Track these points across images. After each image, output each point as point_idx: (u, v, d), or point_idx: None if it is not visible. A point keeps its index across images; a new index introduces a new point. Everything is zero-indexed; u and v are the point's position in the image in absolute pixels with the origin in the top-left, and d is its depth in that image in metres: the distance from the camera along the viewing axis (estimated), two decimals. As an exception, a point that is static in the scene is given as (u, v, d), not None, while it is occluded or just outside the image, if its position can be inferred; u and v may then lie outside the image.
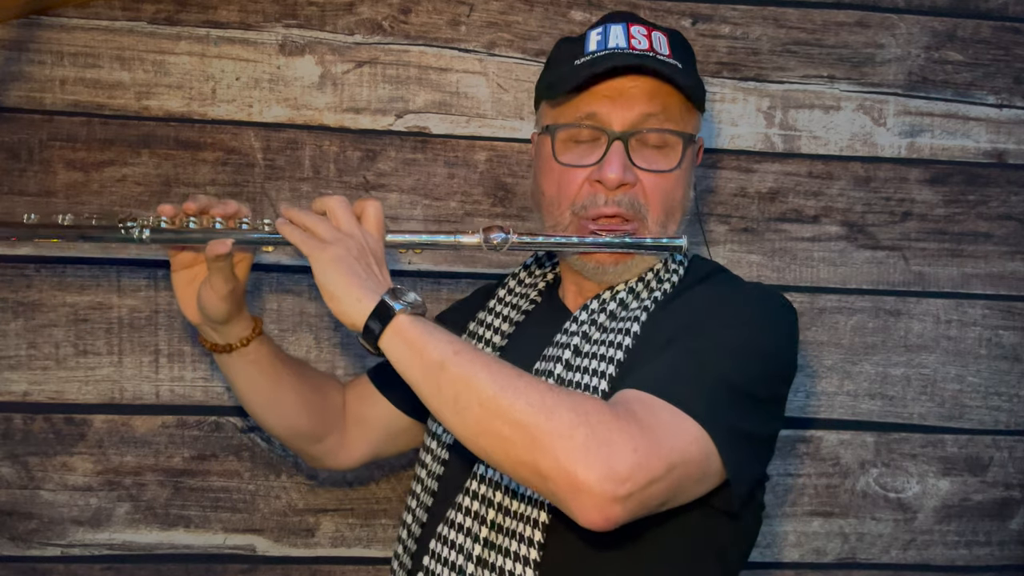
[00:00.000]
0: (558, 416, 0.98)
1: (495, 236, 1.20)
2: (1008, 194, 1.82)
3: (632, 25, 1.26)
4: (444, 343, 1.05)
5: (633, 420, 1.00)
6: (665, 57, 1.23)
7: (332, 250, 1.11)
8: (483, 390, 1.01)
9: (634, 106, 1.21)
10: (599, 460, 0.96)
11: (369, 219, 1.17)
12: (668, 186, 1.24)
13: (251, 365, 1.34)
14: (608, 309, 1.24)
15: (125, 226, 1.20)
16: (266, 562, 1.72)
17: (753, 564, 1.81)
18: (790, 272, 1.79)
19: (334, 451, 1.46)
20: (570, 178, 1.24)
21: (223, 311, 1.26)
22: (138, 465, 1.69)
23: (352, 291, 1.08)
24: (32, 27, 1.63)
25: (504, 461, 1.01)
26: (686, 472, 1.02)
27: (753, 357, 1.12)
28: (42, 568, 1.68)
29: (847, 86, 1.78)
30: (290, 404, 1.39)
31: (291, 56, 1.69)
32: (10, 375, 1.66)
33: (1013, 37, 1.80)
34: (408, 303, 1.07)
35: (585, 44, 1.27)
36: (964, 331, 1.82)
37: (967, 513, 1.84)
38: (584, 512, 0.97)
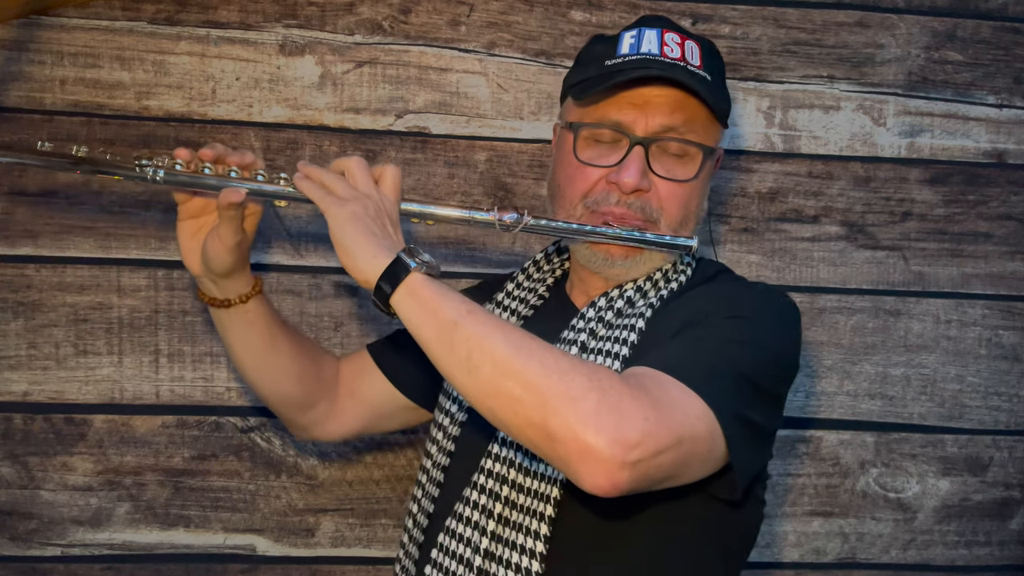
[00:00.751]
0: (571, 379, 0.98)
1: (508, 216, 1.21)
2: (1008, 194, 1.82)
3: (667, 32, 1.26)
4: (458, 302, 1.05)
5: (644, 391, 1.00)
6: (696, 68, 1.23)
7: (349, 207, 1.11)
8: (497, 349, 1.01)
9: (659, 115, 1.22)
10: (610, 424, 0.96)
11: (387, 182, 1.17)
12: (684, 195, 1.24)
13: (247, 324, 1.32)
14: (616, 307, 1.24)
15: (140, 164, 1.18)
16: (266, 562, 1.72)
17: (753, 564, 1.81)
18: (790, 272, 1.79)
19: (321, 421, 1.45)
20: (587, 174, 1.25)
21: (227, 263, 1.24)
22: (138, 465, 1.69)
23: (368, 248, 1.08)
24: (32, 27, 1.63)
25: (513, 422, 1.00)
26: (693, 448, 1.02)
27: (760, 350, 1.13)
28: (42, 568, 1.68)
29: (847, 86, 1.78)
30: (283, 368, 1.37)
31: (291, 56, 1.69)
32: (10, 375, 1.66)
33: (1013, 37, 1.80)
34: (424, 262, 1.07)
35: (618, 46, 1.26)
36: (964, 331, 1.82)
37: (967, 513, 1.84)
38: (591, 476, 0.97)
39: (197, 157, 1.20)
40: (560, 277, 1.40)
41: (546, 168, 1.73)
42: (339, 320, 1.71)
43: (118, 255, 1.67)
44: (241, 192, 1.18)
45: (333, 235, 1.10)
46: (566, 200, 1.27)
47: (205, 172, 1.20)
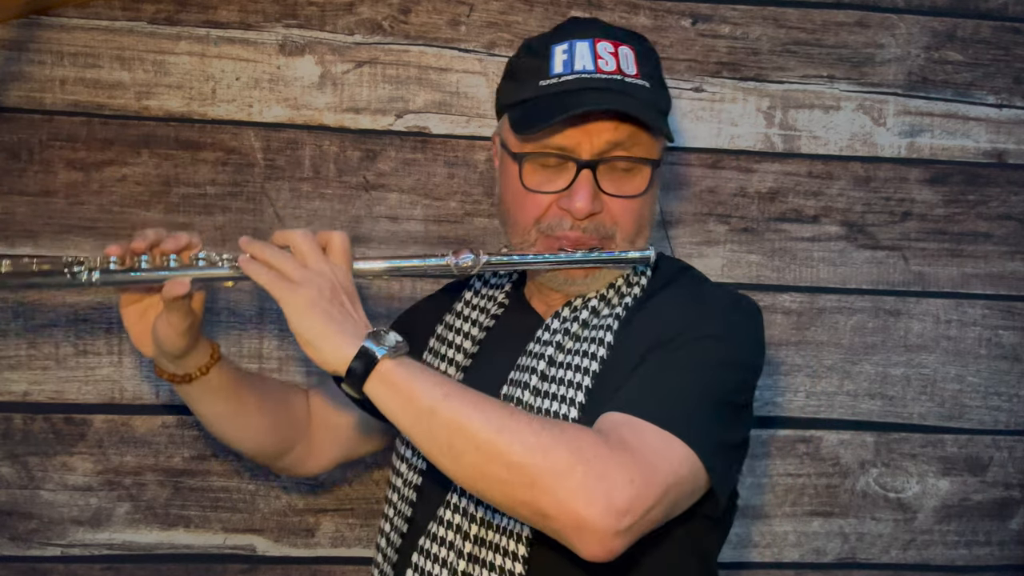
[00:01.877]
0: (555, 454, 0.99)
1: (465, 258, 1.18)
2: (1008, 194, 1.82)
3: (599, 41, 1.23)
4: (432, 386, 1.04)
5: (625, 450, 1.01)
6: (632, 78, 1.21)
7: (304, 292, 1.06)
8: (478, 434, 1.01)
9: (602, 134, 1.19)
10: (599, 496, 0.97)
11: (336, 251, 1.12)
12: (636, 209, 1.23)
13: (212, 393, 1.30)
14: (580, 318, 1.24)
15: (71, 270, 1.13)
16: (266, 562, 1.72)
17: (753, 564, 1.81)
18: (790, 272, 1.79)
19: (302, 459, 1.45)
20: (537, 201, 1.22)
21: (181, 345, 1.22)
22: (138, 465, 1.69)
23: (331, 338, 1.04)
24: (32, 27, 1.63)
25: (504, 502, 1.02)
26: (679, 492, 1.05)
27: (728, 368, 1.14)
28: (42, 568, 1.68)
29: (847, 86, 1.78)
30: (255, 423, 1.37)
31: (291, 56, 1.69)
32: (10, 375, 1.66)
33: (1013, 37, 1.80)
34: (390, 346, 1.04)
35: (550, 63, 1.23)
36: (964, 331, 1.82)
37: (967, 513, 1.84)
38: (587, 547, 0.99)
39: (130, 250, 1.16)
40: (517, 282, 1.38)
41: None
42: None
43: (118, 255, 1.67)
44: (185, 283, 1.14)
45: (292, 326, 1.05)
46: (519, 226, 1.25)
47: (142, 265, 1.15)
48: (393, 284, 1.70)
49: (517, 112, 1.24)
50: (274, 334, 1.69)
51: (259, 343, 1.70)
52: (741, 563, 1.80)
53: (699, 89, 1.76)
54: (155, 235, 1.17)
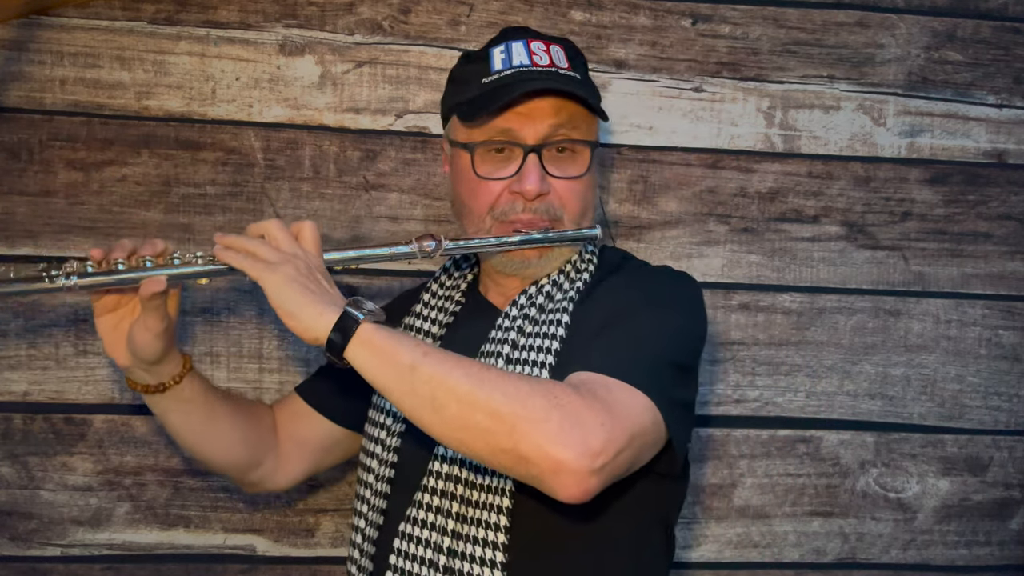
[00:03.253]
0: (532, 403, 1.05)
1: (428, 244, 1.25)
2: (1008, 194, 1.82)
3: (532, 41, 1.33)
4: (412, 346, 1.10)
5: (596, 399, 1.08)
6: (565, 70, 1.31)
7: (282, 270, 1.12)
8: (459, 386, 1.06)
9: (545, 119, 1.28)
10: (575, 439, 1.04)
11: (307, 238, 1.19)
12: (580, 189, 1.32)
13: (185, 403, 1.32)
14: (537, 303, 1.30)
15: (49, 275, 1.15)
16: (266, 562, 1.72)
17: (753, 564, 1.81)
18: (790, 272, 1.79)
19: (271, 474, 1.46)
20: (489, 188, 1.30)
21: (157, 350, 1.24)
22: (138, 465, 1.69)
23: (311, 307, 1.10)
24: (32, 27, 1.63)
25: (484, 450, 1.07)
26: (643, 440, 1.12)
27: (677, 333, 1.24)
28: (42, 568, 1.68)
29: (847, 86, 1.78)
30: (225, 436, 1.38)
31: (291, 56, 1.69)
32: (10, 375, 1.66)
33: (1013, 37, 1.80)
34: (369, 311, 1.11)
35: (490, 62, 1.32)
36: (964, 331, 1.82)
37: (967, 513, 1.84)
38: (565, 488, 1.05)
39: (107, 257, 1.19)
40: (472, 281, 1.43)
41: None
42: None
43: (118, 255, 1.67)
44: (161, 280, 1.17)
45: (272, 301, 1.11)
46: (474, 215, 1.32)
47: (119, 268, 1.17)
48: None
49: (464, 108, 1.32)
50: (274, 334, 1.69)
51: (259, 343, 1.70)
52: (741, 563, 1.80)
53: (699, 89, 1.76)
54: (132, 244, 1.21)
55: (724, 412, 1.78)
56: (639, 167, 1.75)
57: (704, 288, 1.33)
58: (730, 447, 1.79)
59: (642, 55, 1.74)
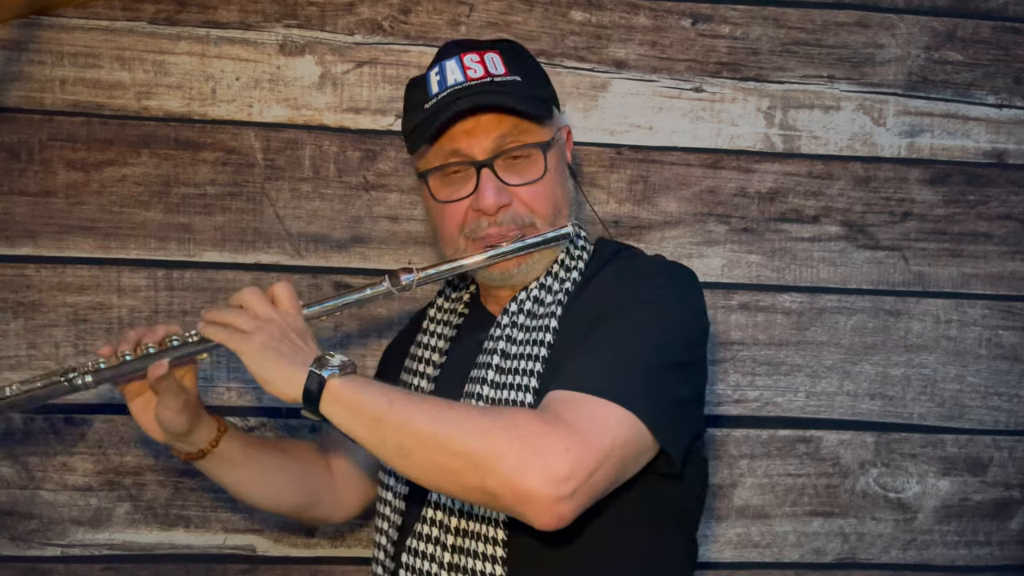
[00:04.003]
0: (492, 436, 1.06)
1: (404, 278, 1.27)
2: (1008, 194, 1.82)
3: (465, 55, 1.32)
4: (377, 396, 1.11)
5: (559, 422, 1.08)
6: (502, 76, 1.30)
7: (256, 339, 1.15)
8: (421, 430, 1.08)
9: (489, 133, 1.28)
10: (536, 467, 1.04)
11: (282, 300, 1.21)
12: (544, 191, 1.31)
13: (227, 463, 1.39)
14: (526, 309, 1.30)
15: (68, 378, 1.25)
16: (266, 562, 1.72)
17: (753, 564, 1.81)
18: (790, 272, 1.79)
19: (330, 511, 1.52)
20: (453, 211, 1.31)
21: (183, 424, 1.30)
22: (138, 465, 1.69)
23: (282, 371, 1.13)
24: (32, 27, 1.63)
25: (456, 490, 1.10)
26: (623, 454, 1.10)
27: (666, 329, 1.21)
28: (42, 568, 1.68)
29: (847, 86, 1.78)
30: (277, 485, 1.44)
31: (291, 56, 1.69)
32: (10, 375, 1.65)
33: (1013, 37, 1.80)
34: (335, 366, 1.12)
35: (428, 87, 1.33)
36: (964, 331, 1.82)
37: (967, 513, 1.84)
38: (537, 517, 1.06)
39: (116, 351, 1.26)
40: (475, 293, 1.44)
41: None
42: (338, 320, 1.71)
43: (118, 255, 1.67)
44: (163, 364, 1.23)
45: (250, 370, 1.14)
46: (448, 239, 1.33)
47: (126, 359, 1.25)
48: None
49: (408, 138, 1.35)
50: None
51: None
52: (741, 563, 1.80)
53: (699, 89, 1.76)
54: (136, 335, 1.27)
55: (724, 412, 1.78)
56: (639, 167, 1.75)
57: (704, 288, 1.32)
58: (730, 447, 1.79)
59: (642, 55, 1.74)
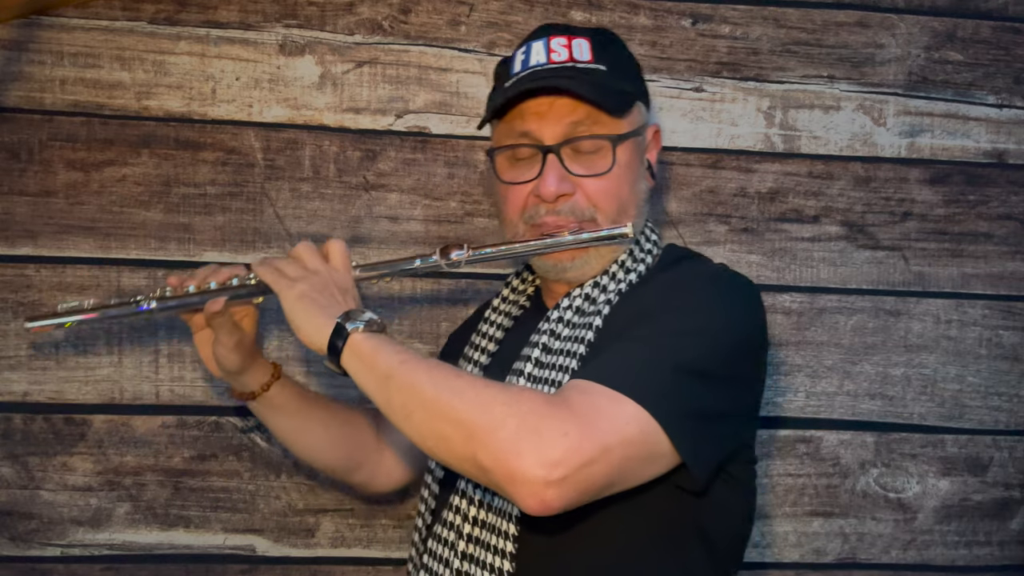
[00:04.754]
0: (491, 410, 1.04)
1: (454, 254, 1.28)
2: (1008, 194, 1.82)
3: (553, 37, 1.30)
4: (392, 355, 1.12)
5: (564, 406, 1.05)
6: (585, 63, 1.27)
7: (298, 287, 1.19)
8: (424, 393, 1.08)
9: (561, 118, 1.26)
10: (530, 447, 1.01)
11: (333, 256, 1.25)
12: (610, 186, 1.27)
13: (275, 409, 1.43)
14: (575, 306, 1.28)
15: (135, 300, 1.35)
16: (266, 562, 1.72)
17: (753, 564, 1.80)
18: (790, 272, 1.79)
19: (372, 479, 1.54)
20: (516, 193, 1.29)
21: (235, 362, 1.36)
22: (138, 465, 1.69)
23: (313, 320, 1.16)
24: (32, 27, 1.63)
25: (450, 459, 1.08)
26: (625, 453, 1.05)
27: (701, 335, 1.14)
28: (42, 568, 1.68)
29: (847, 86, 1.78)
30: (321, 441, 1.48)
31: (291, 56, 1.69)
32: (10, 375, 1.66)
33: (1013, 37, 1.80)
34: (363, 321, 1.14)
35: (511, 65, 1.31)
36: (964, 331, 1.82)
37: (967, 513, 1.84)
38: (522, 499, 1.02)
39: (182, 283, 1.34)
40: (539, 287, 1.43)
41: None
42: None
43: (118, 255, 1.67)
44: (220, 302, 1.30)
45: (286, 316, 1.19)
46: (508, 221, 1.32)
47: (189, 292, 1.33)
48: (393, 285, 1.70)
49: (486, 115, 1.33)
50: (274, 334, 1.69)
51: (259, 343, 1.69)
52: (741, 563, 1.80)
53: (699, 89, 1.76)
54: (204, 272, 1.34)
55: (724, 412, 1.78)
56: (639, 167, 1.75)
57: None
58: (730, 447, 1.79)
59: (642, 55, 1.74)
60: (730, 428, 1.19)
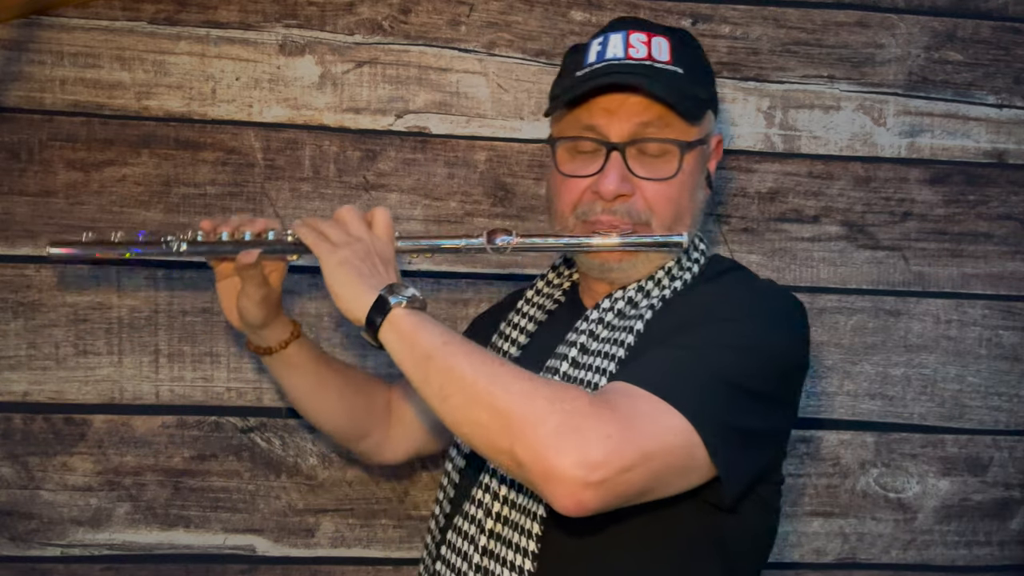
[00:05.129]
0: (533, 403, 1.01)
1: (499, 239, 1.25)
2: (1008, 194, 1.82)
3: (632, 32, 1.26)
4: (434, 335, 1.09)
5: (608, 408, 1.01)
6: (664, 64, 1.24)
7: (340, 252, 1.17)
8: (464, 378, 1.05)
9: (631, 117, 1.22)
10: (571, 446, 0.98)
11: (378, 224, 1.22)
12: (671, 192, 1.24)
13: (291, 367, 1.41)
14: (617, 308, 1.25)
15: (166, 240, 1.30)
16: (266, 562, 1.72)
17: (753, 564, 1.81)
18: (790, 272, 1.79)
19: (376, 449, 1.53)
20: (572, 187, 1.26)
21: (259, 316, 1.34)
22: (138, 465, 1.69)
23: (354, 288, 1.14)
24: (32, 27, 1.63)
25: (484, 447, 1.05)
26: (665, 462, 1.03)
27: (748, 352, 1.12)
28: (42, 568, 1.68)
29: (847, 86, 1.78)
30: (331, 404, 1.46)
31: (291, 56, 1.69)
32: (10, 375, 1.66)
33: (1013, 37, 1.80)
34: (405, 297, 1.11)
35: (586, 54, 1.28)
36: (964, 331, 1.82)
37: (967, 513, 1.84)
38: (557, 498, 0.99)
39: (216, 228, 1.30)
40: (575, 283, 1.41)
41: (546, 168, 1.73)
42: (339, 320, 1.71)
43: (118, 255, 1.67)
44: (253, 254, 1.27)
45: (326, 280, 1.17)
46: (558, 213, 1.29)
47: (222, 239, 1.30)
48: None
49: (553, 103, 1.30)
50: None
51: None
52: None
53: (699, 89, 1.76)
54: (238, 220, 1.31)
55: (724, 412, 1.78)
56: (639, 167, 1.75)
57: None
58: (730, 447, 1.79)
59: (642, 55, 1.74)
60: (765, 448, 1.18)
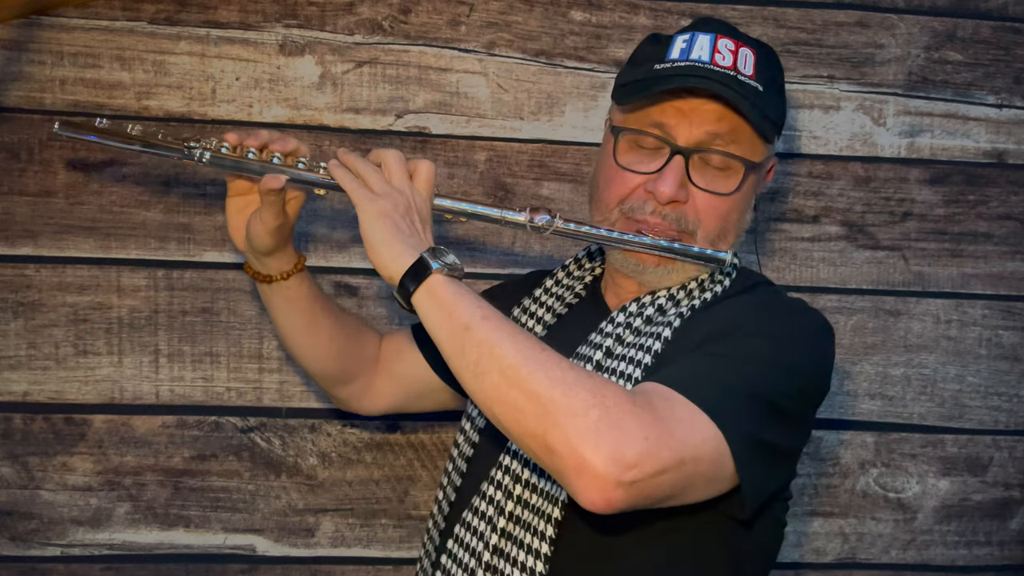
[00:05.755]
0: (574, 393, 0.98)
1: (540, 218, 1.21)
2: (1008, 194, 1.82)
3: (721, 38, 1.23)
4: (474, 307, 1.05)
5: (649, 409, 1.00)
6: (747, 78, 1.21)
7: (380, 203, 1.12)
8: (504, 357, 1.01)
9: (703, 124, 1.20)
10: (608, 442, 0.96)
11: (421, 178, 1.18)
12: (724, 208, 1.23)
13: (288, 301, 1.36)
14: (645, 314, 1.23)
15: (188, 145, 1.22)
16: (266, 562, 1.72)
17: (753, 564, 1.81)
18: (790, 272, 1.79)
19: (357, 397, 1.49)
20: (625, 179, 1.23)
21: (268, 244, 1.28)
22: (138, 465, 1.69)
23: (393, 246, 1.09)
24: (32, 27, 1.63)
25: (515, 430, 1.01)
26: (696, 469, 1.02)
27: (781, 369, 1.11)
28: (42, 568, 1.68)
29: (847, 86, 1.78)
30: (322, 345, 1.41)
31: (291, 56, 1.69)
32: (10, 375, 1.66)
33: (1013, 37, 1.80)
34: (446, 263, 1.08)
35: (669, 49, 1.24)
36: (964, 331, 1.82)
37: (967, 513, 1.84)
38: (586, 492, 0.97)
39: (243, 143, 1.23)
40: (598, 276, 1.39)
41: (546, 168, 1.73)
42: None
43: (118, 255, 1.67)
44: (281, 179, 1.20)
45: (362, 229, 1.11)
46: (603, 203, 1.26)
47: (249, 157, 1.22)
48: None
49: (621, 89, 1.26)
50: (274, 334, 1.69)
51: (259, 343, 1.70)
52: None
53: (699, 89, 1.76)
54: (268, 136, 1.24)
55: (724, 412, 1.78)
56: (639, 167, 1.75)
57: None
58: (730, 447, 1.79)
59: (642, 55, 1.74)
60: (784, 465, 1.18)
